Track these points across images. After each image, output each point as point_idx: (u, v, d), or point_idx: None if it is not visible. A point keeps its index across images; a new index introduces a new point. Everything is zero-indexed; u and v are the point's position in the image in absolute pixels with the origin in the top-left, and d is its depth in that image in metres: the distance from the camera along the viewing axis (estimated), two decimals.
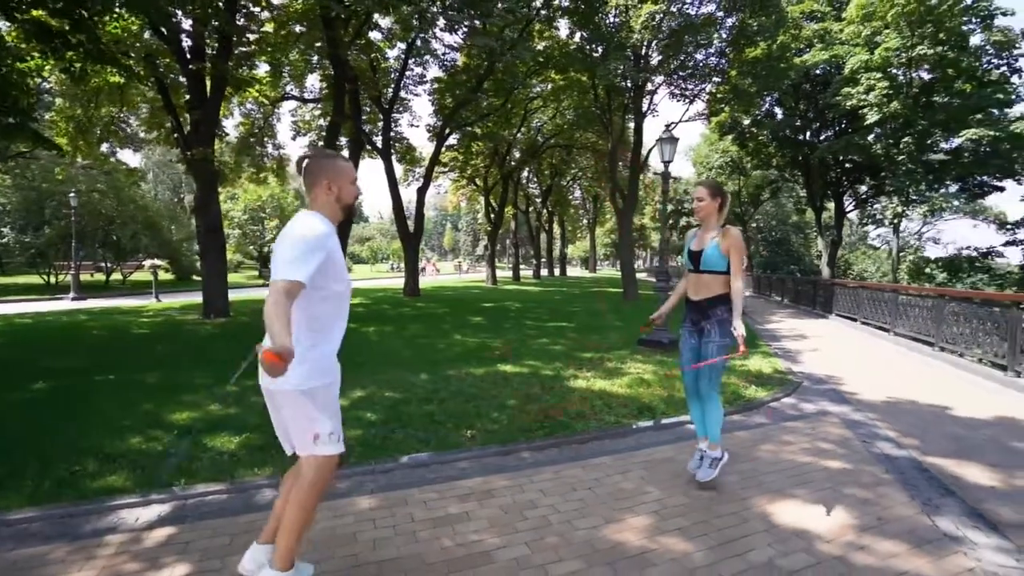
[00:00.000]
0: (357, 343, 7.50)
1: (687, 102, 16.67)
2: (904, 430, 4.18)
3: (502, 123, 20.03)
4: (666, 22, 13.91)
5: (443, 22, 13.70)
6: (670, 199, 33.61)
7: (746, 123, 20.91)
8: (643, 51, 14.72)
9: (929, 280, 20.19)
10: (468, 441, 3.74)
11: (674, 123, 14.01)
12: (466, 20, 13.19)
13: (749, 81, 15.35)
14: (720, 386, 3.10)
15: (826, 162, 20.02)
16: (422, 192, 18.18)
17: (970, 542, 2.47)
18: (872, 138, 17.00)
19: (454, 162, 24.05)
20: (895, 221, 20.38)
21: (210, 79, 9.80)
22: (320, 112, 18.29)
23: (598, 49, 15.02)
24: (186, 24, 9.48)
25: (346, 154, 15.38)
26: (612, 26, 14.70)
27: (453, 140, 20.85)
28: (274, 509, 2.06)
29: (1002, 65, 16.79)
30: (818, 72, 18.49)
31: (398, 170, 20.66)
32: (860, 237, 46.44)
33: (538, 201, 33.36)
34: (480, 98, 16.96)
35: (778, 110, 21.09)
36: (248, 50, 11.03)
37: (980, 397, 5.38)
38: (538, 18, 15.24)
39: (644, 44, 14.47)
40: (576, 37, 16.33)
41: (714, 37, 14.54)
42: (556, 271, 41.24)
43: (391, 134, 17.76)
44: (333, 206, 1.94)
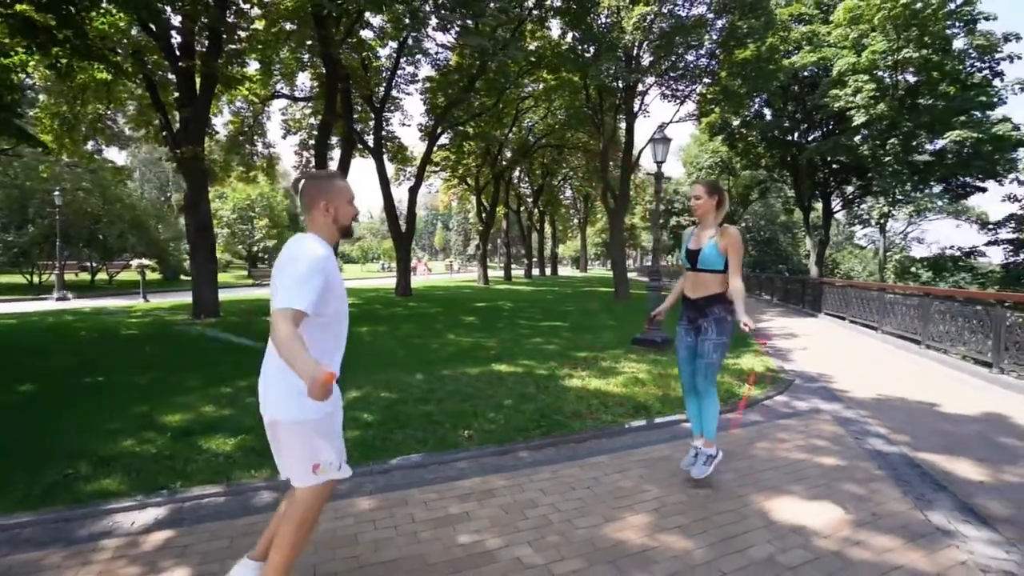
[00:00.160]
0: (351, 344, 7.39)
1: (678, 103, 16.78)
2: (895, 427, 4.25)
3: (494, 123, 20.03)
4: (657, 23, 13.99)
5: (435, 21, 13.67)
6: (660, 199, 33.66)
7: (736, 124, 21.10)
8: (634, 52, 14.80)
9: (915, 279, 20.56)
10: (466, 441, 3.74)
11: (665, 123, 14.11)
12: (458, 19, 13.17)
13: (739, 82, 15.50)
14: (716, 382, 3.13)
15: (814, 163, 20.26)
16: (414, 191, 18.10)
17: (962, 536, 2.53)
18: (859, 139, 17.24)
19: (446, 161, 23.98)
20: (881, 221, 20.67)
21: (200, 77, 9.68)
22: (311, 111, 18.15)
23: (590, 49, 15.07)
24: (175, 20, 9.36)
25: (337, 153, 15.31)
26: (604, 27, 14.75)
27: (445, 139, 20.80)
28: (270, 525, 2.02)
29: (984, 68, 17.11)
30: (806, 74, 18.71)
31: (389, 169, 20.61)
32: (847, 237, 47.09)
33: (529, 201, 33.39)
34: (472, 97, 16.94)
35: (767, 111, 21.31)
36: (238, 47, 10.91)
37: (967, 394, 5.48)
38: (530, 18, 15.26)
39: (635, 45, 14.55)
40: (568, 37, 16.37)
41: (704, 39, 14.66)
42: (547, 271, 41.32)
43: (383, 133, 17.67)
44: (330, 227, 1.90)
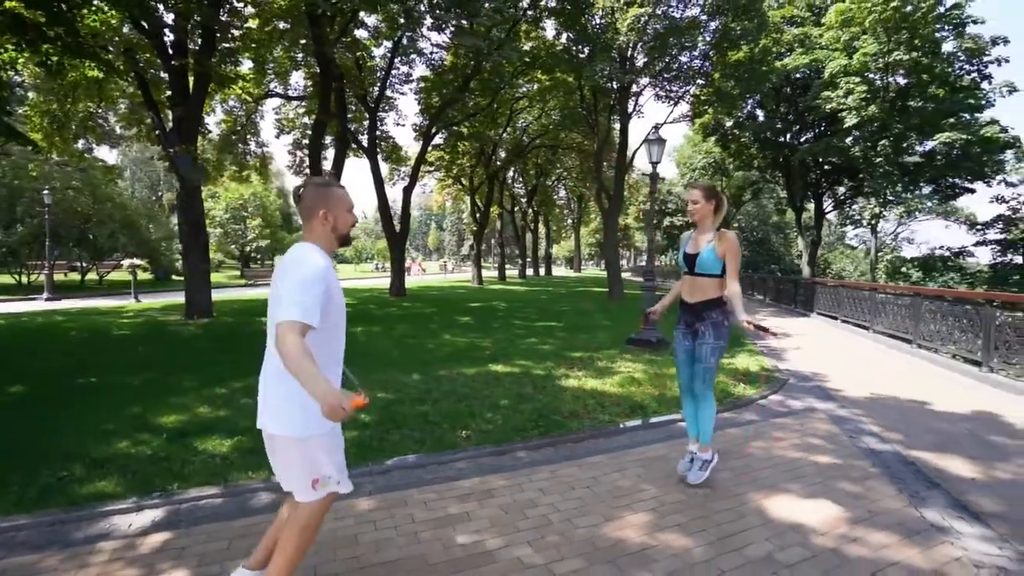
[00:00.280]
0: (346, 344, 7.43)
1: (672, 104, 16.89)
2: (888, 425, 4.30)
3: (488, 123, 20.02)
4: (651, 24, 14.06)
5: (430, 21, 13.66)
6: (655, 199, 33.86)
7: (729, 125, 21.23)
8: (629, 53, 14.86)
9: (905, 279, 20.79)
10: (464, 441, 3.74)
11: (660, 124, 14.17)
12: (453, 19, 13.15)
13: (732, 83, 15.60)
14: (713, 386, 3.14)
15: (806, 164, 20.42)
16: (408, 191, 18.08)
17: (956, 532, 2.56)
18: (850, 140, 17.39)
19: (440, 161, 23.95)
20: (873, 222, 20.88)
21: (193, 75, 9.60)
22: (305, 110, 18.06)
23: (584, 50, 15.12)
24: (168, 18, 9.27)
25: (332, 153, 15.24)
26: (598, 27, 14.80)
27: (439, 139, 20.77)
28: (271, 529, 2.00)
29: (973, 71, 17.34)
30: (798, 76, 18.85)
31: (384, 169, 20.52)
32: (838, 237, 47.50)
33: (523, 201, 33.41)
34: (467, 97, 16.92)
35: (760, 112, 21.44)
36: (232, 46, 10.83)
37: (957, 392, 5.55)
38: (525, 19, 15.25)
39: (630, 46, 14.61)
40: (562, 38, 16.40)
41: (698, 40, 14.74)
42: (541, 271, 41.37)
43: (377, 133, 17.63)
44: (329, 236, 1.89)
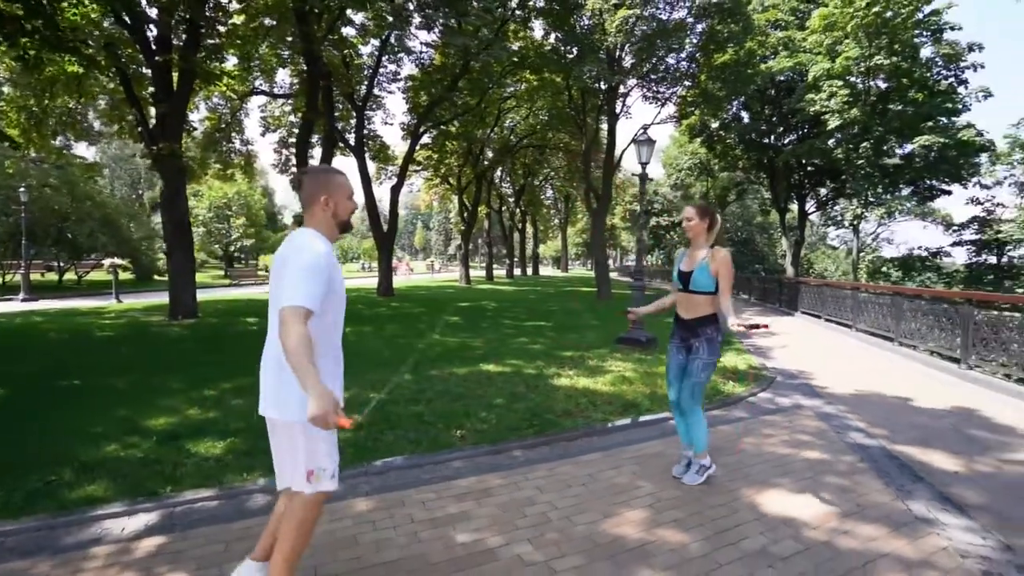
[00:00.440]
0: None
1: (659, 105, 17.05)
2: (873, 421, 4.41)
3: (476, 122, 20.01)
4: (639, 26, 14.18)
5: (419, 19, 13.61)
6: (639, 200, 34.20)
7: (714, 126, 21.49)
8: (617, 54, 14.96)
9: (886, 278, 21.28)
10: (459, 441, 3.74)
11: (648, 125, 14.31)
12: (441, 18, 13.12)
13: (718, 85, 15.81)
14: (702, 401, 3.12)
15: (790, 165, 20.77)
16: (396, 191, 17.98)
17: (941, 524, 2.64)
18: (833, 143, 17.74)
19: (428, 161, 23.86)
20: (855, 223, 21.32)
21: (178, 71, 9.43)
22: (291, 108, 17.86)
23: (572, 51, 15.19)
24: (152, 13, 9.10)
25: (319, 152, 15.09)
26: (586, 28, 14.88)
27: (427, 139, 20.69)
28: (270, 522, 2.00)
29: (950, 76, 17.80)
30: (782, 79, 19.16)
31: (371, 168, 20.37)
32: (820, 237, 48.35)
33: (511, 200, 33.46)
34: (455, 97, 16.89)
35: (745, 114, 21.74)
36: (217, 42, 10.66)
37: (938, 389, 5.71)
38: (513, 19, 15.28)
39: (618, 47, 14.72)
40: (551, 38, 16.47)
41: (685, 42, 14.91)
42: (529, 271, 41.44)
43: (364, 131, 17.50)
44: (330, 222, 1.89)
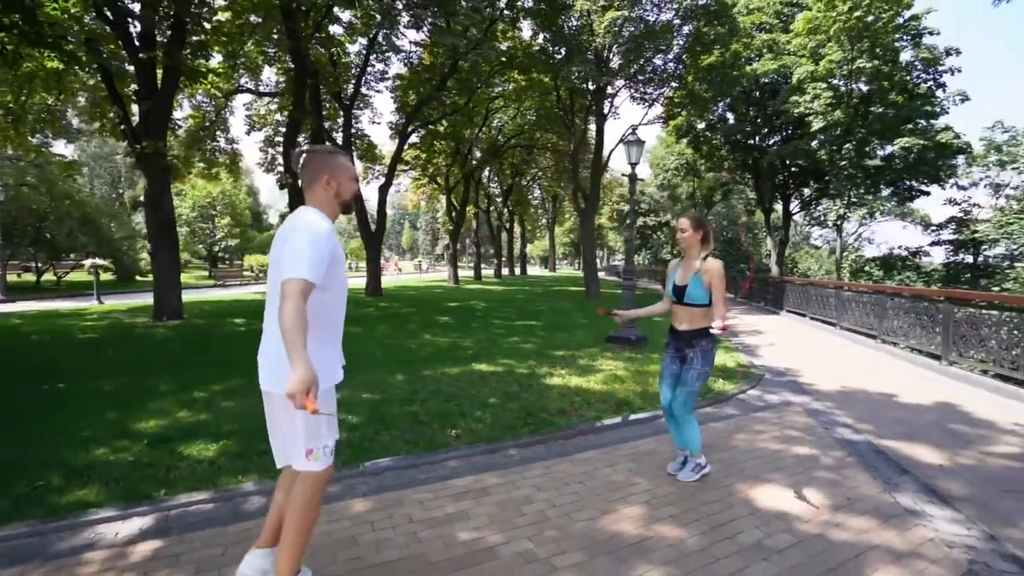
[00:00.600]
0: None
1: (646, 105, 17.20)
2: (859, 416, 4.51)
3: (465, 122, 19.98)
4: (627, 27, 14.28)
5: (407, 18, 13.55)
6: (626, 199, 34.69)
7: (701, 127, 21.71)
8: (605, 55, 15.06)
9: (868, 277, 21.72)
10: (455, 440, 3.74)
11: (635, 126, 14.40)
12: (430, 17, 13.08)
13: (704, 87, 15.99)
14: (693, 409, 3.14)
15: (774, 166, 21.06)
16: (384, 190, 17.86)
17: (928, 515, 2.72)
18: (816, 144, 18.03)
19: (416, 160, 23.76)
20: (838, 222, 21.72)
21: (162, 69, 9.27)
22: (277, 106, 17.65)
23: (561, 51, 15.25)
24: (135, 7, 8.93)
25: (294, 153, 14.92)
26: (574, 29, 14.95)
27: (415, 138, 20.60)
28: (271, 511, 2.01)
29: (929, 80, 18.20)
30: (767, 81, 19.43)
31: (358, 168, 20.23)
32: (804, 237, 49.12)
33: (499, 200, 33.46)
34: (444, 96, 16.84)
35: (730, 115, 22.00)
36: (202, 39, 10.49)
37: (920, 385, 5.85)
38: (502, 18, 15.28)
39: (606, 48, 14.82)
40: (539, 39, 16.50)
41: (673, 44, 15.06)
42: (517, 270, 41.48)
43: (352, 131, 17.37)
44: (332, 202, 1.92)
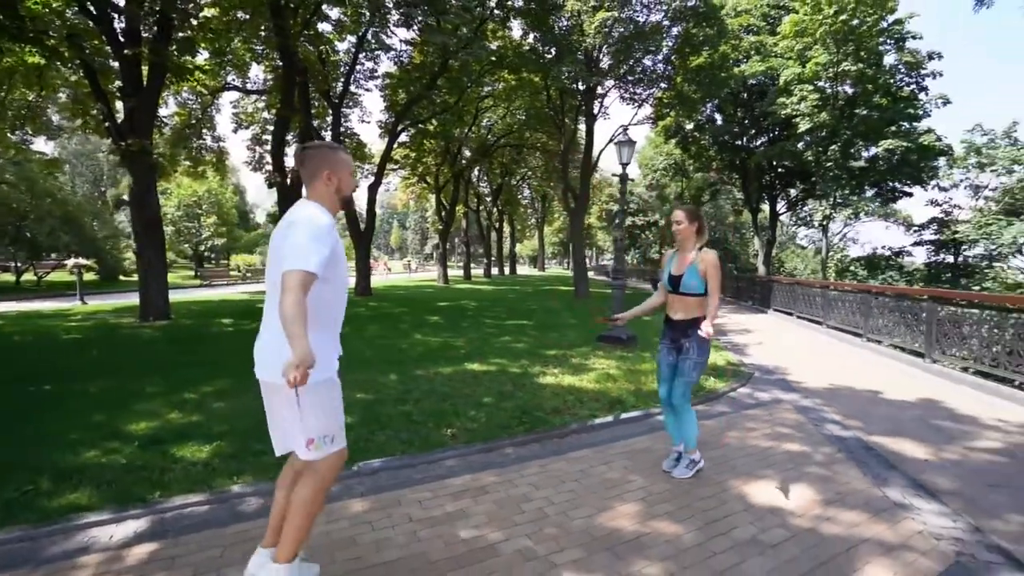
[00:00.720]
0: None
1: (636, 106, 17.30)
2: (847, 413, 4.59)
3: (455, 121, 19.94)
4: (616, 28, 14.36)
5: (396, 16, 13.50)
6: (615, 199, 34.90)
7: (689, 128, 21.92)
8: (595, 55, 15.13)
9: (853, 276, 22.10)
10: (450, 440, 3.75)
11: (625, 126, 14.50)
12: (420, 15, 13.03)
13: (693, 88, 16.14)
14: (691, 398, 3.18)
15: (761, 166, 21.33)
16: (373, 189, 17.73)
17: (916, 509, 2.79)
18: (802, 145, 18.30)
19: (406, 159, 23.67)
20: (824, 223, 22.07)
21: (148, 65, 9.12)
22: (264, 104, 17.46)
23: (551, 51, 15.29)
24: (119, 2, 8.78)
25: (294, 149, 14.81)
26: (564, 29, 15.00)
27: (405, 137, 20.52)
28: (273, 509, 2.02)
29: (912, 83, 18.58)
30: (754, 82, 19.67)
31: None
32: (790, 237, 49.78)
33: (488, 200, 33.44)
34: (434, 95, 16.80)
35: (718, 116, 22.23)
36: (188, 35, 10.35)
37: (905, 382, 5.97)
38: (492, 18, 15.28)
39: (596, 48, 14.89)
40: (529, 38, 16.52)
41: (662, 45, 15.17)
42: (506, 270, 41.49)
43: (341, 129, 17.25)
44: (332, 197, 1.95)
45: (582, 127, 18.68)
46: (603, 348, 7.43)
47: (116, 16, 9.05)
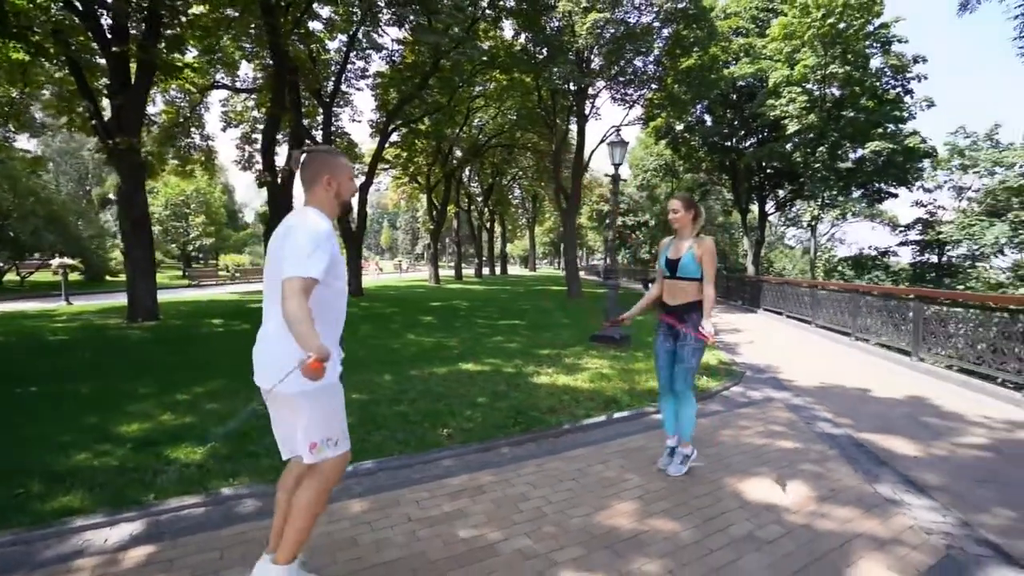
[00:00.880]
0: None
1: (627, 107, 17.39)
2: (838, 411, 4.66)
3: (446, 121, 19.91)
4: (608, 29, 14.43)
5: (388, 15, 13.45)
6: (605, 199, 35.03)
7: (679, 128, 22.09)
8: (586, 55, 15.19)
9: (840, 276, 22.42)
10: (447, 440, 3.75)
11: (618, 127, 14.59)
12: (411, 15, 13.00)
13: (683, 89, 16.26)
14: (693, 384, 3.22)
15: (751, 167, 21.56)
16: (364, 189, 17.67)
17: (907, 504, 2.84)
18: (791, 146, 18.54)
19: (397, 159, 23.58)
20: (812, 223, 22.36)
21: (136, 63, 9.00)
22: (254, 103, 17.30)
23: (542, 52, 15.33)
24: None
25: (285, 149, 14.70)
26: (556, 30, 15.04)
27: (396, 137, 20.45)
28: (276, 512, 2.01)
29: (898, 86, 18.92)
30: (744, 84, 19.88)
31: None
32: (778, 237, 50.33)
33: (479, 200, 33.41)
34: (425, 95, 16.76)
35: (708, 117, 22.42)
36: (177, 33, 10.22)
37: (893, 380, 6.07)
38: (484, 18, 15.29)
39: (587, 49, 14.94)
40: (521, 39, 16.54)
41: (652, 46, 15.27)
42: (497, 270, 41.49)
43: (332, 129, 17.13)
44: (332, 202, 1.94)
45: (573, 127, 18.74)
46: (596, 348, 7.46)
47: (103, 12, 8.93)
